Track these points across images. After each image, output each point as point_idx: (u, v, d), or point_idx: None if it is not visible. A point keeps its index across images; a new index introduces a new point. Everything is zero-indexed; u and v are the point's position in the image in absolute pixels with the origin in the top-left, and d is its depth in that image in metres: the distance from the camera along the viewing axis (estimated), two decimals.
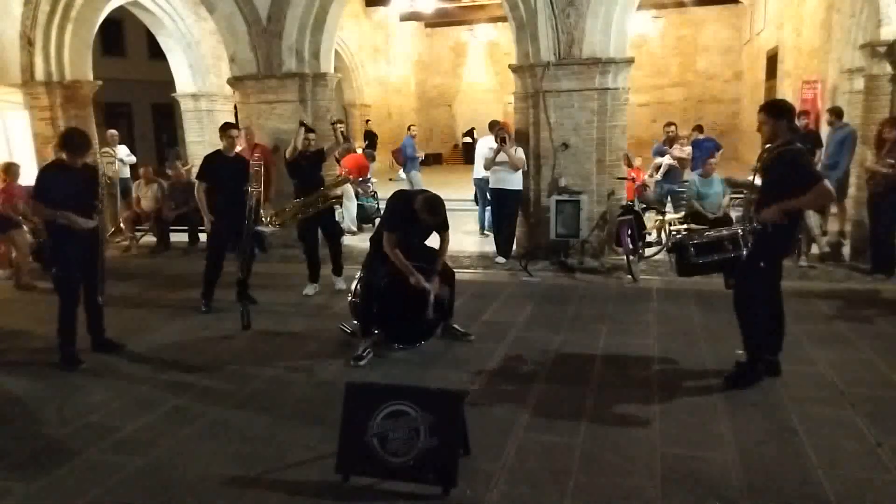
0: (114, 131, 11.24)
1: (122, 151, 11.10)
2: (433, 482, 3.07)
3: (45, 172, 5.02)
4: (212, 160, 6.42)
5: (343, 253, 7.11)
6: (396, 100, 20.87)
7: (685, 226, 7.64)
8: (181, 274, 7.89)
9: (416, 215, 4.81)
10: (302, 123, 6.95)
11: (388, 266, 4.89)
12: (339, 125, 7.18)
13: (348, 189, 9.91)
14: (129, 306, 6.53)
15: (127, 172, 11.15)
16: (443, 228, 5.06)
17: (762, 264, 4.09)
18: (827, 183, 3.94)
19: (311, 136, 6.83)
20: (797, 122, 9.32)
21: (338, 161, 9.61)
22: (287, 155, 6.76)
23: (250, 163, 6.47)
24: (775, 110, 4.10)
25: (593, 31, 7.49)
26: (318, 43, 8.86)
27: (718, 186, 7.94)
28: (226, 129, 6.44)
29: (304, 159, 6.71)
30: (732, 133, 19.01)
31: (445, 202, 5.02)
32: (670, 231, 7.36)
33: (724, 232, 4.34)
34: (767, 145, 4.14)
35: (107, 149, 10.43)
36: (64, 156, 4.90)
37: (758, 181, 4.33)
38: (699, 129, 11.13)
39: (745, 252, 4.15)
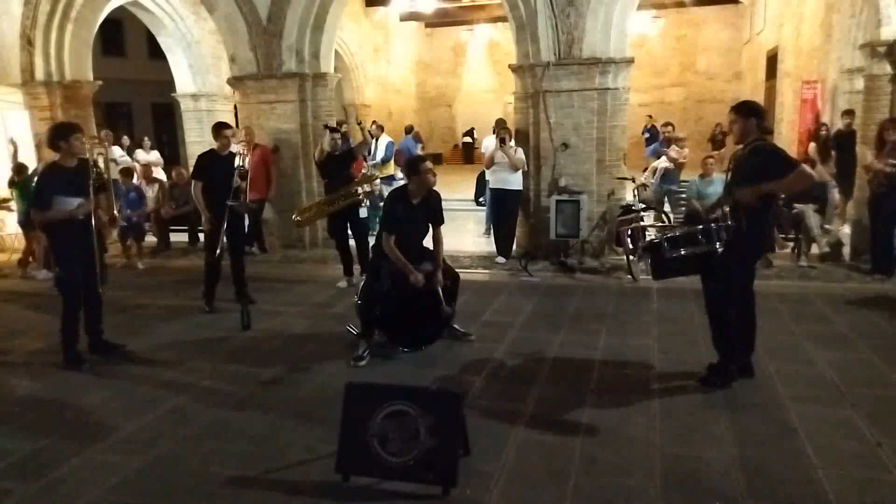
0: (108, 131, 11.12)
1: (116, 152, 10.96)
2: (433, 482, 3.07)
3: (42, 179, 5.00)
4: (207, 159, 6.40)
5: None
6: (396, 100, 20.86)
7: (658, 225, 7.65)
8: (181, 274, 7.89)
9: (412, 200, 4.89)
10: (326, 126, 7.20)
11: (391, 270, 4.89)
12: (362, 125, 7.43)
13: None
14: (129, 306, 6.53)
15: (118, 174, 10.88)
16: (438, 221, 5.10)
17: (734, 265, 4.09)
18: (805, 167, 3.93)
19: (336, 136, 6.98)
20: (843, 121, 9.28)
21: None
22: (315, 157, 7.02)
23: (236, 156, 6.37)
24: (744, 109, 4.14)
25: (593, 31, 7.49)
26: (318, 43, 8.86)
27: (718, 186, 7.92)
28: (219, 129, 6.36)
29: (332, 159, 6.86)
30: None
31: (445, 202, 5.03)
32: (644, 234, 7.34)
33: (699, 227, 4.32)
34: (739, 145, 4.19)
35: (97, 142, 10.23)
36: (55, 152, 4.86)
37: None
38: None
39: (718, 246, 4.13)
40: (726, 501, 3.01)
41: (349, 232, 7.06)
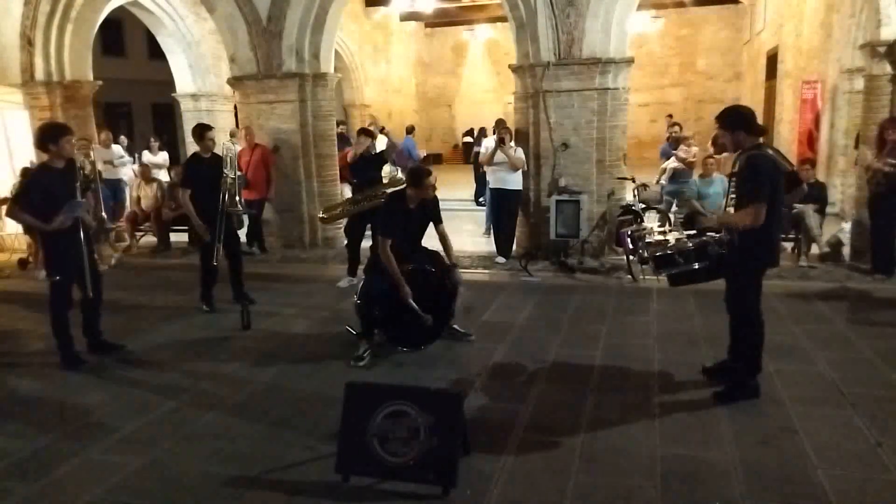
0: (108, 132, 11.07)
1: (116, 152, 10.88)
2: (433, 482, 3.07)
3: (30, 180, 4.99)
4: (191, 164, 6.37)
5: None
6: (396, 100, 20.86)
7: (660, 232, 7.58)
8: (181, 274, 7.89)
9: (408, 204, 4.89)
10: (360, 130, 7.62)
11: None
12: (386, 131, 7.66)
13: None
14: (129, 306, 6.53)
15: (120, 174, 10.68)
16: (438, 220, 5.09)
17: (740, 276, 4.00)
18: (757, 207, 3.69)
19: (368, 139, 7.24)
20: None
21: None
22: (349, 159, 7.29)
23: (222, 157, 6.34)
24: (727, 122, 3.91)
25: (593, 31, 7.49)
26: (318, 43, 8.86)
27: (719, 186, 7.94)
28: (202, 131, 6.26)
29: (362, 160, 7.06)
30: None
31: (445, 202, 5.03)
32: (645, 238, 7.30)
33: (689, 244, 4.16)
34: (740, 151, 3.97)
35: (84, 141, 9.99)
36: (43, 153, 4.85)
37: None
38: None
39: (707, 263, 4.05)
40: (726, 501, 3.01)
41: (367, 233, 7.09)
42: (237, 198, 6.29)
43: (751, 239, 3.84)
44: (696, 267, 4.11)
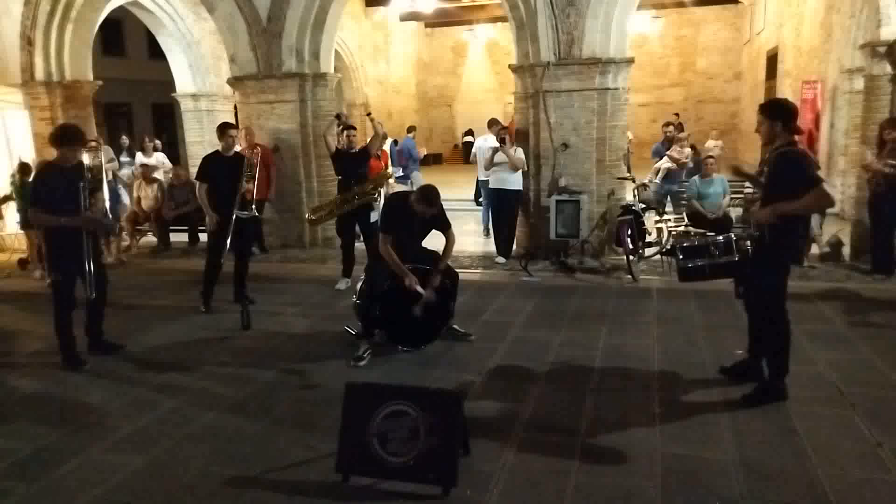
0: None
1: (106, 154, 10.80)
2: (433, 482, 3.07)
3: (39, 176, 4.99)
4: (209, 160, 6.42)
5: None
6: (396, 100, 20.86)
7: (683, 227, 7.59)
8: (181, 274, 7.89)
9: (412, 210, 4.83)
10: (337, 115, 7.39)
11: (390, 270, 4.88)
12: (371, 117, 7.47)
13: None
14: (129, 307, 6.52)
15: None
16: (444, 227, 5.04)
17: (763, 273, 3.99)
18: (826, 186, 3.76)
19: (352, 132, 7.03)
20: None
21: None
22: (328, 149, 7.14)
23: (245, 157, 6.45)
24: (771, 111, 3.98)
25: (593, 31, 7.49)
26: (318, 43, 8.86)
27: (719, 186, 7.94)
28: (224, 129, 6.40)
29: (347, 155, 6.91)
30: (732, 133, 19.05)
31: (445, 202, 5.02)
32: (669, 233, 7.32)
33: (719, 238, 4.20)
34: (770, 146, 4.04)
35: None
36: (57, 152, 4.86)
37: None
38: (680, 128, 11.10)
39: (736, 257, 4.06)
40: (726, 501, 3.01)
41: (357, 233, 7.06)
42: (251, 203, 6.36)
43: (786, 232, 3.85)
44: (728, 261, 4.10)
